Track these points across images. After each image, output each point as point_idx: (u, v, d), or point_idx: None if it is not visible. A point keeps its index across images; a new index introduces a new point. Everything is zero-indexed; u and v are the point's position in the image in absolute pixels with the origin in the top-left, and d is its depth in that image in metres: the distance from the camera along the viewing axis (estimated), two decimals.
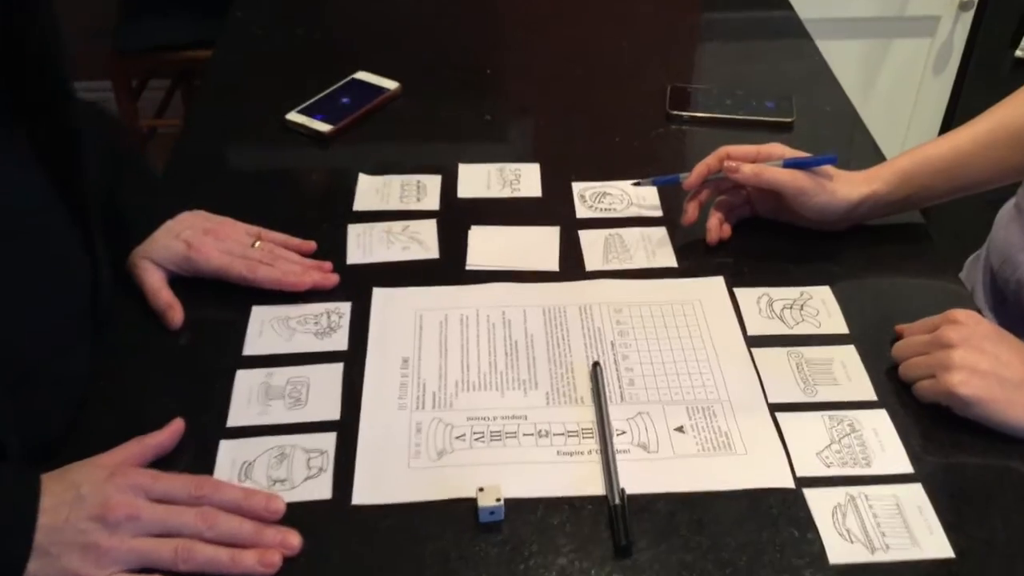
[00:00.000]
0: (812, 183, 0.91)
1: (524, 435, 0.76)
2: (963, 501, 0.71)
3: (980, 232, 1.11)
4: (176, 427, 0.73)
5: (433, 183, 1.04)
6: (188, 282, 0.88)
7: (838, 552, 0.68)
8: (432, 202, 1.01)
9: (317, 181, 1.06)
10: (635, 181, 1.01)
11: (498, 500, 0.69)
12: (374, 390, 0.80)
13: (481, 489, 0.69)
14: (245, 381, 0.80)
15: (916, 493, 0.72)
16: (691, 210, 0.96)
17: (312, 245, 0.93)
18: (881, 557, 0.67)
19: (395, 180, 1.04)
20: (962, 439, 0.76)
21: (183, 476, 0.68)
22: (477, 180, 1.05)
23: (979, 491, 0.72)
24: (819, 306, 0.89)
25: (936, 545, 0.68)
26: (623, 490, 0.71)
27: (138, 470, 0.68)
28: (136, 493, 0.65)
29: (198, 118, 1.18)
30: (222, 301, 0.88)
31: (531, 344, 0.84)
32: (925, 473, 0.73)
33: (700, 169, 0.94)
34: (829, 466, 0.74)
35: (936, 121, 2.16)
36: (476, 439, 0.75)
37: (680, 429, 0.77)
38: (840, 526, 0.69)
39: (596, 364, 0.82)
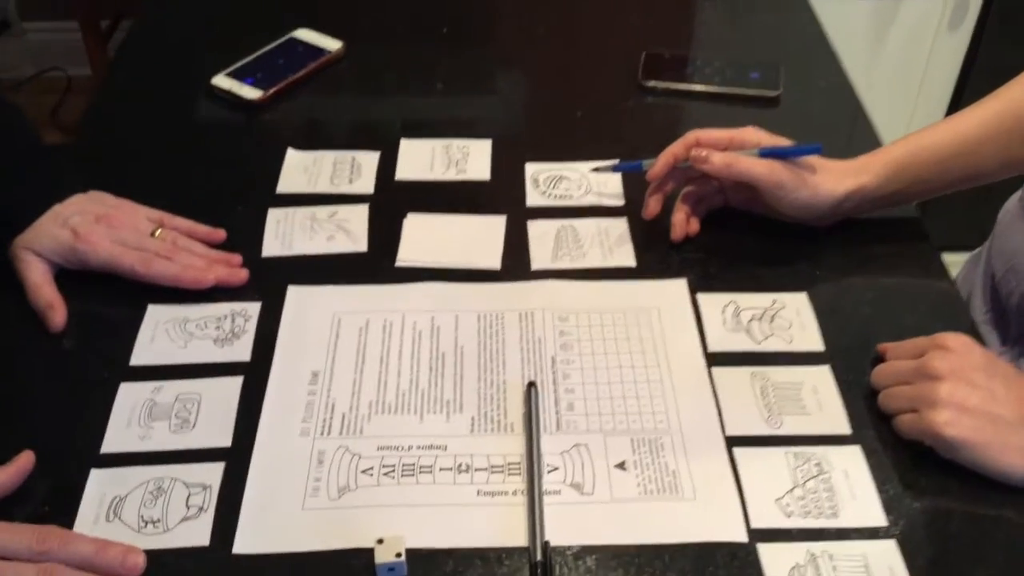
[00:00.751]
0: (792, 176, 0.80)
1: (441, 470, 0.66)
2: (943, 564, 0.62)
3: (983, 224, 0.99)
4: (22, 464, 0.63)
5: (370, 161, 0.92)
6: (80, 276, 0.78)
7: None
8: (366, 184, 0.90)
9: (238, 157, 0.94)
10: (594, 167, 0.90)
11: (399, 555, 0.59)
12: (275, 411, 0.70)
13: (380, 541, 0.60)
14: (128, 397, 0.70)
15: (888, 552, 0.62)
16: (652, 204, 0.85)
17: (221, 234, 0.83)
18: None
19: (327, 157, 0.93)
20: (948, 485, 0.65)
21: (24, 527, 0.58)
22: (419, 159, 0.93)
23: (963, 550, 0.62)
24: (792, 317, 0.78)
25: None
26: (547, 543, 0.61)
27: None
28: None
29: (117, 79, 1.07)
30: (115, 298, 0.77)
31: (460, 358, 0.74)
32: (901, 526, 0.63)
33: (665, 158, 0.83)
34: (789, 515, 0.64)
35: (949, 86, 2.01)
36: (385, 474, 0.66)
37: (621, 466, 0.67)
38: None
39: (531, 384, 0.71)
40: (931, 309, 0.79)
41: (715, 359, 0.74)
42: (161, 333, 0.75)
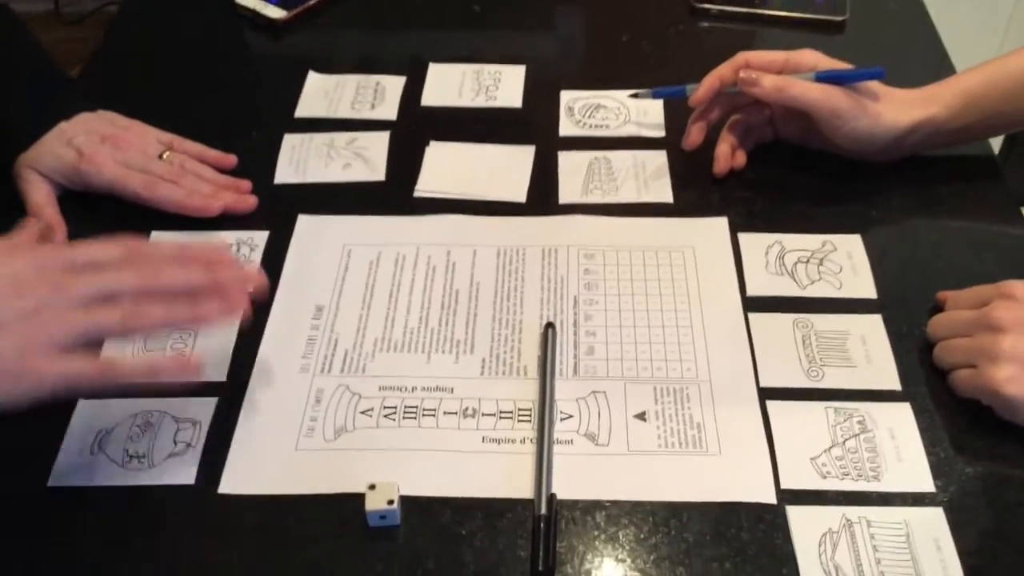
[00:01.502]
0: (851, 103, 0.72)
1: (445, 414, 0.61)
2: (995, 536, 0.55)
3: None
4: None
5: (394, 86, 0.87)
6: (84, 199, 0.74)
7: None
8: (389, 110, 0.84)
9: (257, 80, 0.89)
10: (632, 92, 0.83)
11: (391, 502, 0.55)
12: (275, 345, 0.65)
13: (372, 487, 0.55)
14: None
15: (935, 521, 0.56)
16: (695, 132, 0.78)
17: (232, 160, 0.78)
18: None
19: (350, 81, 0.87)
20: (1005, 450, 0.59)
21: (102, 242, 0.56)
22: (448, 84, 0.87)
23: (1019, 522, 0.56)
24: (843, 261, 0.71)
25: None
26: (553, 496, 0.56)
27: (45, 245, 0.57)
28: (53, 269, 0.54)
29: None
30: (119, 223, 0.72)
31: (475, 295, 0.69)
32: (950, 493, 0.57)
33: (711, 81, 0.76)
34: (825, 476, 0.58)
35: None
36: (386, 416, 0.61)
37: (641, 416, 0.61)
38: (827, 560, 0.54)
39: (550, 325, 0.66)
40: (1001, 258, 0.71)
41: (754, 304, 0.68)
42: None
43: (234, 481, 0.58)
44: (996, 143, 0.84)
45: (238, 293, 0.58)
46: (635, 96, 0.82)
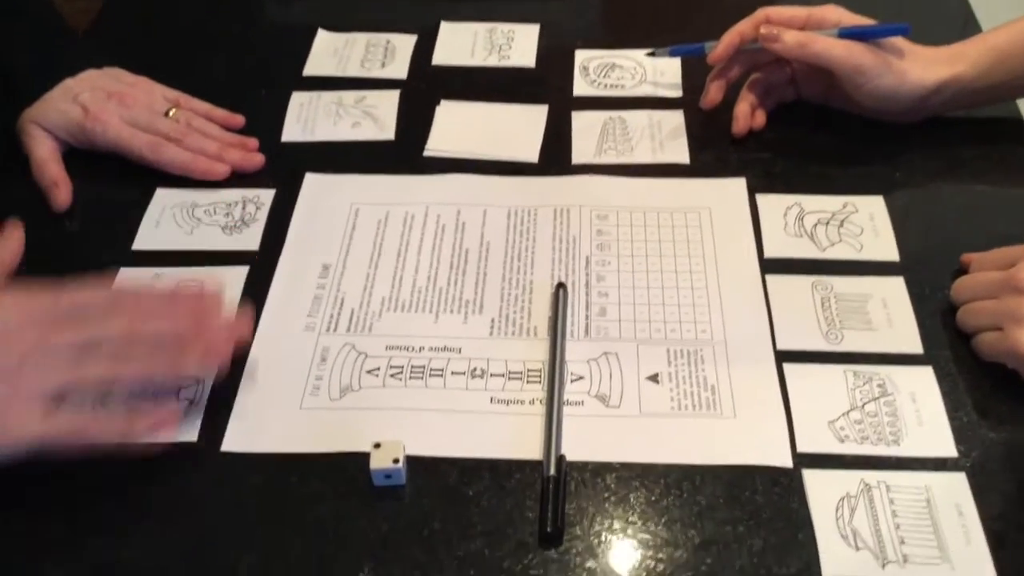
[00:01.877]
0: (875, 60, 0.70)
1: (453, 374, 0.60)
2: (1020, 502, 0.53)
3: None
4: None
5: (405, 45, 0.85)
6: (89, 155, 0.73)
7: (837, 562, 0.51)
8: (399, 69, 0.83)
9: (266, 38, 0.88)
10: (650, 51, 0.81)
11: (396, 461, 0.54)
12: (280, 303, 0.64)
13: (377, 445, 0.54)
14: (126, 283, 0.65)
15: (957, 486, 0.54)
16: (713, 91, 0.75)
17: (239, 120, 0.77)
18: (894, 574, 0.50)
19: (360, 39, 0.86)
20: None
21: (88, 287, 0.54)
22: (460, 43, 0.85)
23: None
24: (865, 222, 0.69)
25: (973, 562, 0.51)
26: (562, 457, 0.55)
27: (29, 292, 0.54)
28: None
29: None
30: (124, 180, 0.72)
31: (485, 255, 0.67)
32: (973, 458, 0.55)
33: (730, 37, 0.74)
34: (843, 440, 0.56)
35: None
36: (392, 375, 0.60)
37: (654, 378, 0.59)
38: (845, 525, 0.52)
39: (561, 285, 0.64)
40: None
41: (771, 266, 0.66)
42: (168, 218, 0.70)
43: (237, 439, 0.56)
44: (1023, 105, 0.81)
45: (222, 345, 0.56)
46: (652, 55, 0.80)
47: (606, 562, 0.51)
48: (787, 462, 0.55)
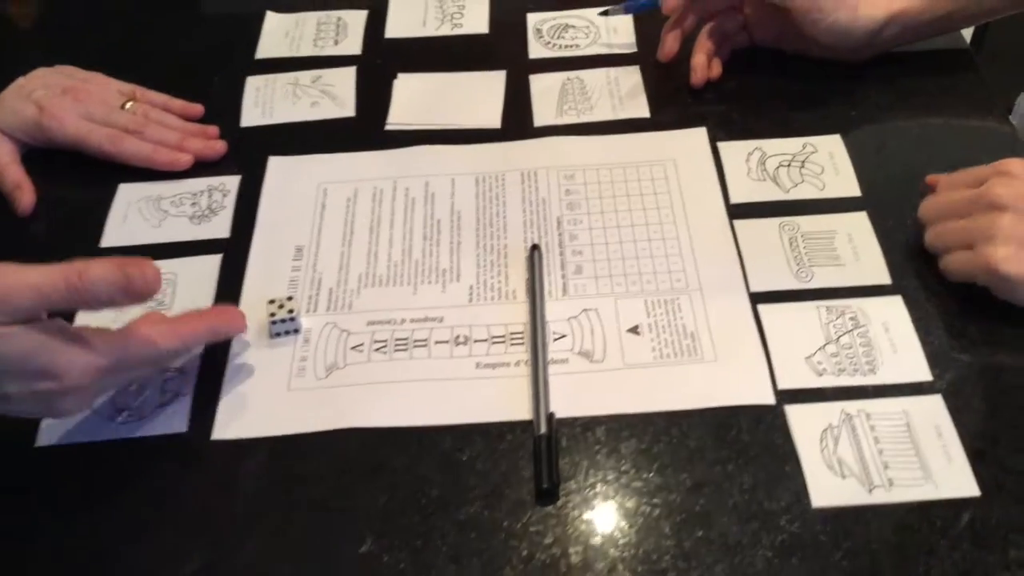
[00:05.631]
0: None
1: (437, 343, 0.60)
2: (994, 419, 0.55)
3: None
4: None
5: (356, 20, 0.85)
6: (49, 155, 0.72)
7: (825, 491, 0.52)
8: (353, 45, 0.82)
9: (214, 24, 0.87)
10: (602, 10, 0.81)
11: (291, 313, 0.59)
12: (257, 289, 0.64)
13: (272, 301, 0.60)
14: None
15: (934, 408, 0.56)
16: (670, 42, 0.76)
17: (198, 109, 0.76)
18: (881, 498, 0.52)
19: (310, 18, 0.85)
20: (1002, 334, 0.59)
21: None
22: (411, 15, 0.85)
23: (1017, 405, 0.56)
24: (825, 161, 0.70)
25: (956, 480, 0.52)
26: (552, 415, 0.56)
27: None
28: None
29: None
30: (86, 178, 0.72)
31: (457, 223, 0.68)
32: (948, 381, 0.57)
33: None
34: (821, 374, 0.58)
35: None
36: (376, 350, 0.60)
37: (635, 330, 0.60)
38: (830, 455, 0.54)
39: (535, 247, 0.65)
40: (984, 147, 0.71)
41: (738, 211, 0.67)
42: (134, 212, 0.69)
43: (227, 426, 0.57)
44: (967, 35, 0.83)
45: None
46: (606, 14, 0.81)
47: (603, 512, 0.52)
48: (769, 399, 0.56)
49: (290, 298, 0.61)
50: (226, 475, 0.55)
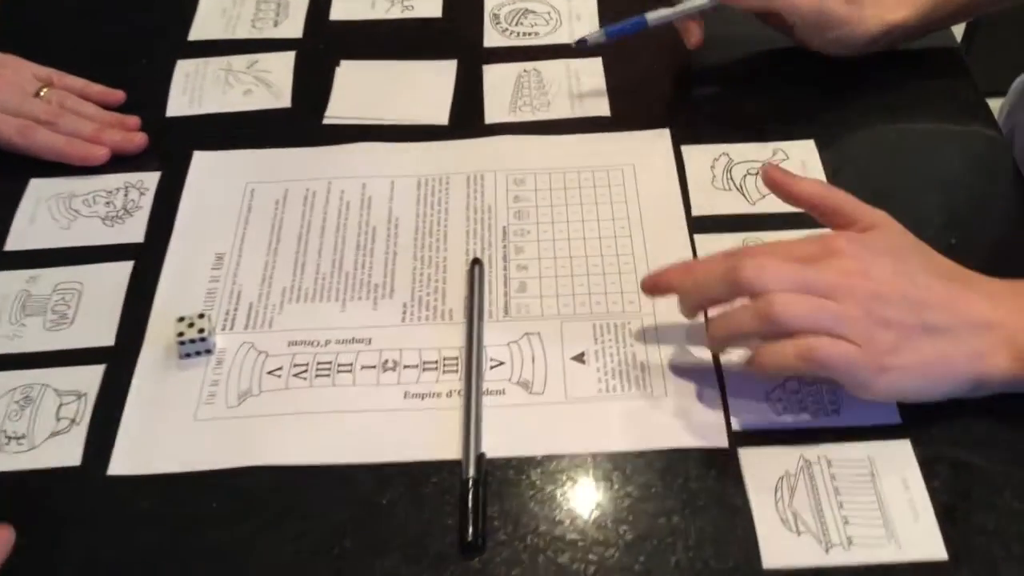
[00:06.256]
0: (839, 9, 0.66)
1: (363, 368, 0.55)
2: (969, 471, 0.50)
3: None
4: None
5: (299, 0, 0.78)
6: None
7: (777, 550, 0.47)
8: (294, 27, 0.76)
9: (144, 2, 0.80)
10: (579, 39, 0.70)
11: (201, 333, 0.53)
12: (170, 300, 0.59)
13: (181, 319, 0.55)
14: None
15: (902, 455, 0.51)
16: (695, 30, 0.69)
17: (119, 95, 0.70)
18: (839, 558, 0.47)
19: None
20: None
21: None
22: None
23: (991, 456, 0.51)
24: (796, 170, 0.63)
25: (922, 540, 0.48)
26: (482, 456, 0.51)
27: None
28: None
29: None
30: None
31: (395, 231, 0.62)
32: (919, 423, 0.52)
33: None
34: (780, 414, 0.53)
35: None
36: (296, 375, 0.55)
37: (580, 358, 0.55)
38: (784, 508, 0.49)
39: (476, 262, 0.59)
40: (967, 158, 0.66)
41: (700, 224, 0.62)
42: (43, 211, 0.63)
43: (125, 461, 0.51)
44: (958, 33, 0.77)
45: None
46: (583, 42, 0.68)
47: (533, 570, 0.47)
48: (722, 442, 0.51)
49: (202, 315, 0.56)
50: (120, 516, 0.50)
